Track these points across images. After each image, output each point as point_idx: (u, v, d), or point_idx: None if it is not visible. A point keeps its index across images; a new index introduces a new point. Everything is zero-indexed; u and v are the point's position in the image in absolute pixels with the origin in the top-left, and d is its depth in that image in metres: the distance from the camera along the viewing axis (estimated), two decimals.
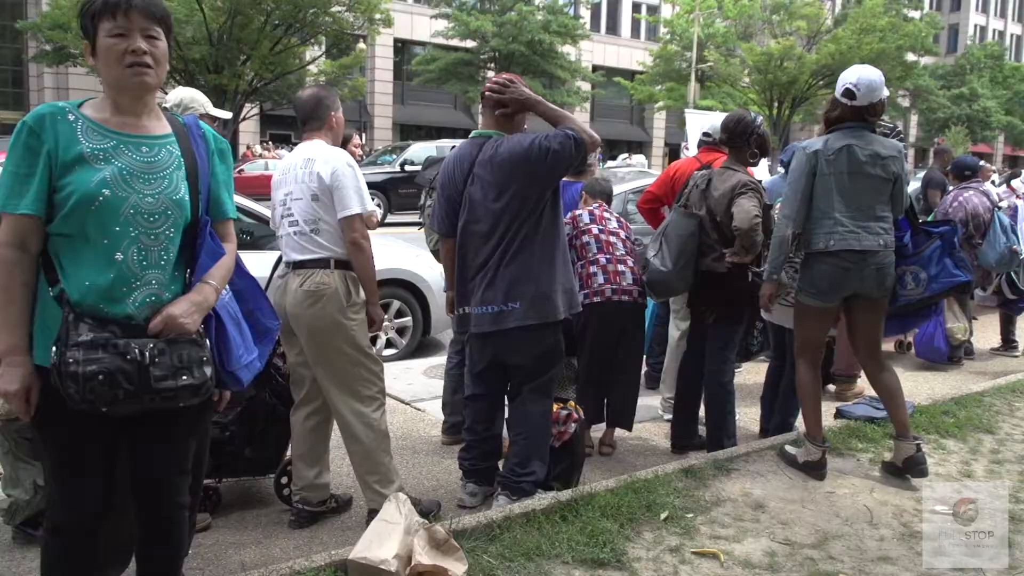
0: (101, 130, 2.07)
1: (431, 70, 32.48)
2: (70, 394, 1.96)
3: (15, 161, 2.01)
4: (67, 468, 2.18)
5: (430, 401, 5.36)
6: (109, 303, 2.03)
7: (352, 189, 3.27)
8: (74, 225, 2.02)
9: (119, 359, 1.97)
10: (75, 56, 25.33)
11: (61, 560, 2.23)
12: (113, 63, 2.05)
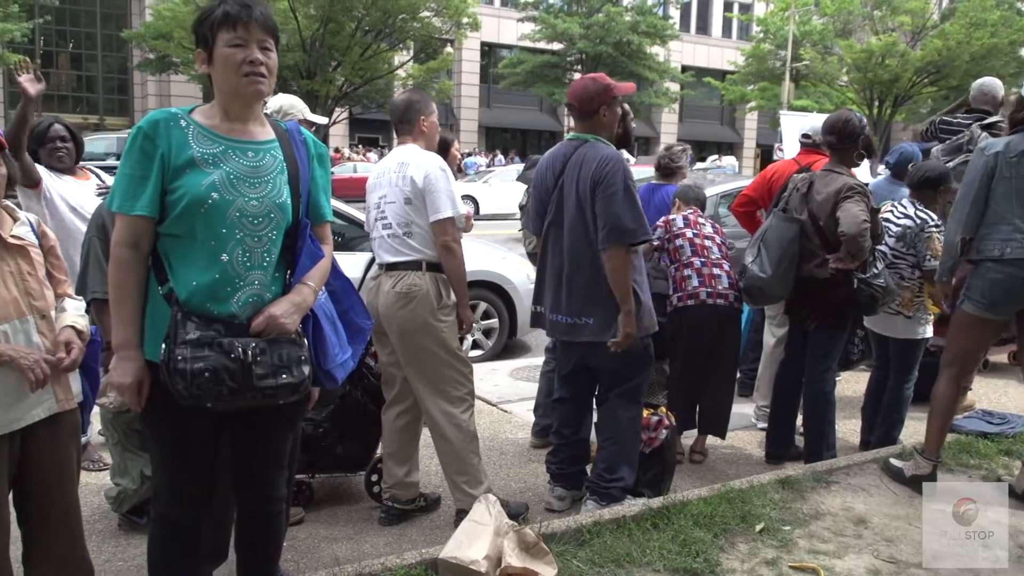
0: (211, 135, 2.14)
1: (517, 73, 32.63)
2: (178, 390, 2.02)
3: (131, 164, 2.08)
4: (172, 460, 2.26)
5: (517, 403, 5.36)
6: (214, 302, 2.09)
7: (444, 193, 3.29)
8: (184, 226, 2.09)
9: (224, 357, 2.03)
10: (176, 64, 26.51)
11: (165, 549, 2.32)
12: (231, 71, 2.11)
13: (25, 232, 2.37)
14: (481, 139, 39.83)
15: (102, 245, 3.19)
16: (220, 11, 2.10)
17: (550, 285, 3.57)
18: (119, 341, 2.11)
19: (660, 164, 5.11)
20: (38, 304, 2.33)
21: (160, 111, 2.15)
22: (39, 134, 3.97)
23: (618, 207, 3.28)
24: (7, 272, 2.28)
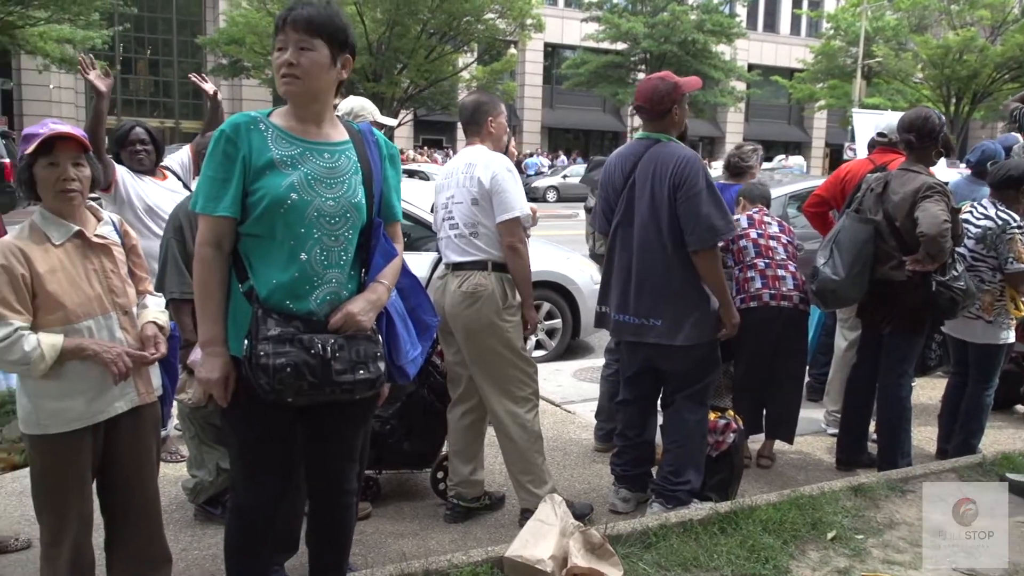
0: (288, 137, 2.19)
1: (580, 73, 32.53)
2: (260, 384, 2.09)
3: (214, 167, 2.15)
4: (251, 453, 2.33)
5: (580, 404, 5.35)
6: (293, 300, 2.15)
7: (511, 194, 3.30)
8: (264, 226, 2.15)
9: (304, 353, 2.09)
10: (248, 69, 27.20)
11: (241, 538, 2.39)
12: (276, 74, 2.19)
13: (108, 231, 2.47)
14: (544, 140, 39.85)
15: (179, 246, 3.31)
16: (276, 19, 2.18)
17: (617, 285, 3.55)
18: (206, 338, 2.18)
19: (730, 163, 5.04)
20: (120, 301, 2.44)
21: (241, 115, 2.21)
22: (120, 137, 4.12)
23: (706, 207, 3.26)
24: (91, 270, 2.38)
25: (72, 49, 23.30)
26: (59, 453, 2.34)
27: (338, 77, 2.24)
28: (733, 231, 3.44)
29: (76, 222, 2.39)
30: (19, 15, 19.66)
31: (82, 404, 2.34)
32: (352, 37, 2.25)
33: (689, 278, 3.39)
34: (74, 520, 2.39)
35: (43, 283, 2.26)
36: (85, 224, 2.41)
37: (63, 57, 23.05)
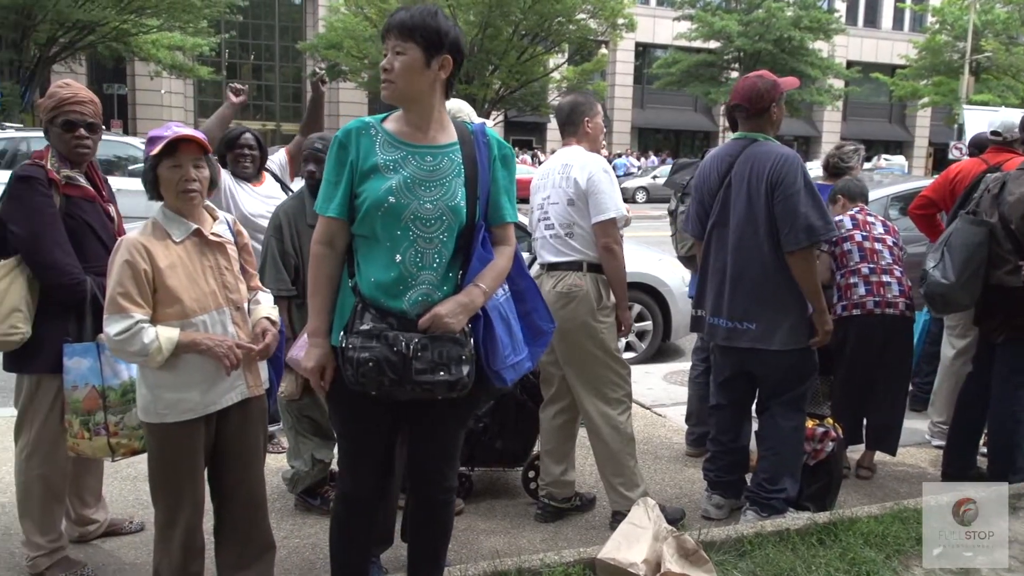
0: (394, 142, 2.26)
1: (672, 73, 32.12)
2: (348, 376, 2.19)
3: (329, 170, 2.28)
4: (349, 442, 2.42)
5: (671, 407, 5.29)
6: (389, 298, 2.22)
7: (607, 195, 3.30)
8: (367, 227, 2.24)
9: (387, 349, 2.16)
10: (345, 72, 27.93)
11: (345, 525, 2.47)
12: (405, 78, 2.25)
13: (223, 230, 2.59)
14: (634, 140, 39.50)
15: (278, 245, 3.44)
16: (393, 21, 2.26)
17: (711, 288, 3.50)
18: (310, 329, 2.31)
19: (829, 164, 4.89)
20: (233, 297, 2.55)
21: (356, 121, 2.31)
22: (230, 140, 4.30)
23: (803, 206, 3.19)
24: (207, 266, 2.50)
25: (182, 55, 24.47)
26: (175, 441, 2.46)
27: (436, 78, 2.25)
28: (833, 233, 3.35)
29: (195, 221, 2.51)
30: (134, 23, 20.74)
31: (197, 395, 2.46)
32: (450, 37, 2.25)
33: (786, 281, 3.31)
34: (187, 505, 2.51)
35: (163, 278, 2.39)
36: (202, 223, 2.53)
37: (173, 63, 24.23)
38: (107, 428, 2.80)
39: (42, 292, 2.85)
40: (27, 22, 18.59)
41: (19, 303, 2.78)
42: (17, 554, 3.10)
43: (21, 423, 2.96)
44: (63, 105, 2.89)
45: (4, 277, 2.77)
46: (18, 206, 2.81)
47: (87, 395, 2.79)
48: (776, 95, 3.38)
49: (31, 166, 2.87)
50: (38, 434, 2.91)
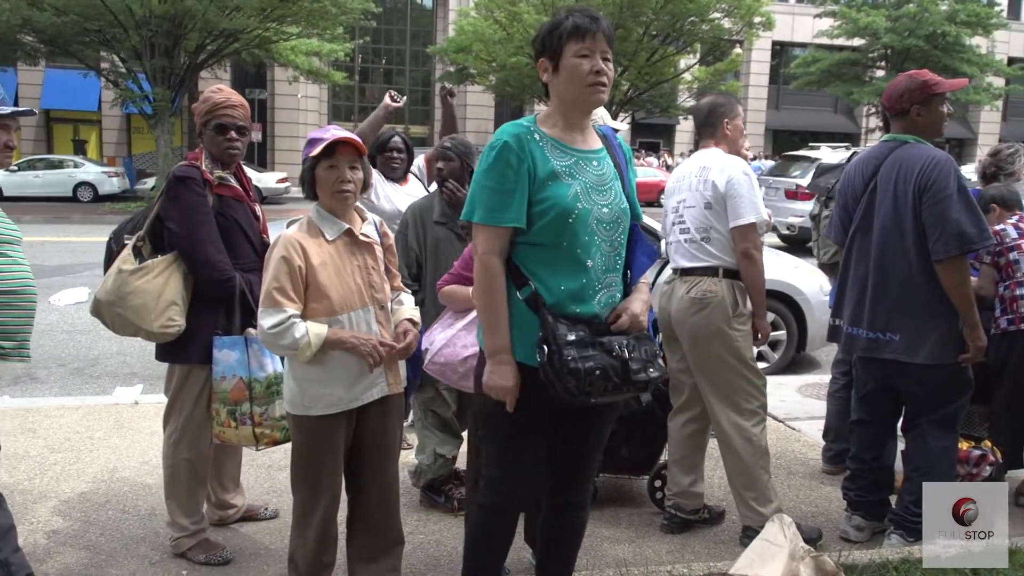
0: (560, 147, 2.23)
1: (811, 72, 30.82)
2: (568, 387, 2.12)
3: (495, 178, 2.17)
4: (514, 456, 2.33)
5: (805, 421, 5.05)
6: (578, 304, 2.20)
7: (746, 198, 3.18)
8: (550, 235, 2.18)
9: (607, 355, 2.15)
10: (473, 75, 28.37)
11: (489, 535, 2.41)
12: (577, 81, 2.18)
13: (370, 231, 2.66)
14: (768, 142, 38.21)
15: (402, 239, 3.51)
16: (570, 23, 2.17)
17: (851, 296, 3.31)
18: (496, 346, 2.20)
19: (985, 170, 4.53)
20: (378, 296, 2.61)
21: (513, 125, 2.23)
22: (380, 143, 4.42)
23: (955, 212, 2.96)
24: (355, 266, 2.56)
25: (318, 61, 25.54)
26: (318, 433, 2.54)
27: None
28: (989, 241, 3.08)
29: (347, 220, 2.58)
30: (275, 31, 21.80)
31: (341, 390, 2.53)
32: None
33: (935, 291, 3.09)
34: (325, 496, 2.58)
35: (315, 275, 2.46)
36: (353, 223, 2.60)
37: (310, 68, 25.33)
38: (252, 418, 2.93)
39: (195, 287, 3.00)
40: (178, 31, 19.87)
41: (176, 297, 2.94)
42: (162, 534, 3.28)
43: (170, 410, 3.13)
44: (216, 109, 3.03)
45: (162, 272, 2.94)
46: (176, 205, 2.98)
47: (235, 386, 2.92)
48: (921, 96, 3.16)
49: (187, 167, 3.03)
50: (186, 421, 3.07)
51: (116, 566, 3.09)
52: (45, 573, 2.90)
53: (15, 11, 18.69)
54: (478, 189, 2.21)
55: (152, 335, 2.95)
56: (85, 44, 21.07)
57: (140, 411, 4.90)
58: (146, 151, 29.04)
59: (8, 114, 2.62)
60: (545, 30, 2.23)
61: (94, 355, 6.66)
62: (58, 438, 4.39)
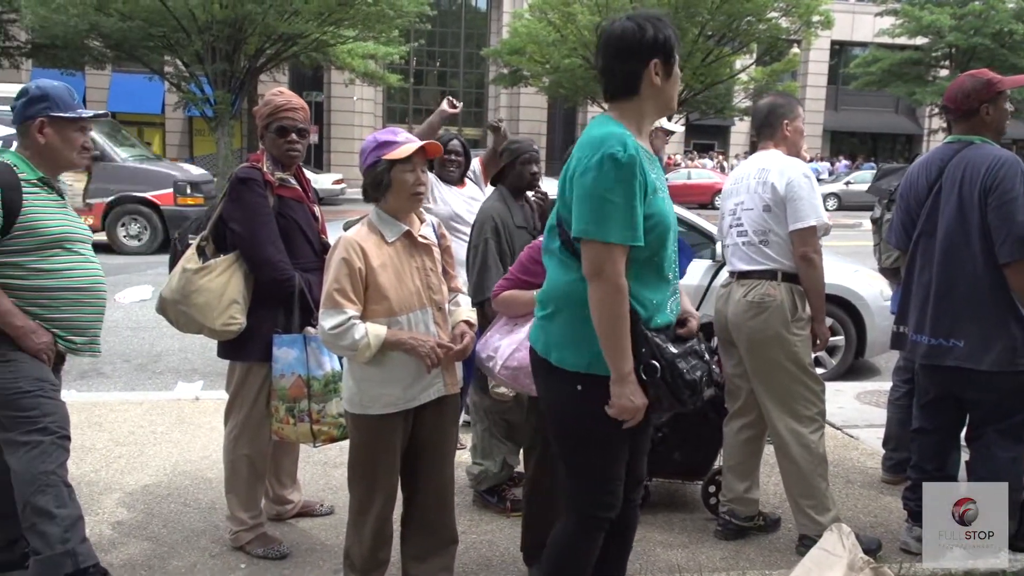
0: (650, 157, 2.19)
1: (871, 72, 30.16)
2: (683, 399, 2.14)
3: (625, 194, 2.05)
4: (615, 468, 2.30)
5: (864, 429, 4.94)
6: (661, 315, 2.21)
7: (806, 201, 3.13)
8: (649, 250, 2.14)
9: (702, 361, 2.19)
10: (527, 77, 28.40)
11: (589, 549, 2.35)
12: (673, 89, 2.22)
13: (429, 232, 2.68)
14: (825, 144, 37.52)
15: (497, 246, 3.49)
16: (672, 31, 2.18)
17: (915, 302, 3.23)
18: (626, 369, 2.09)
19: None
20: (436, 297, 2.64)
21: (623, 134, 2.11)
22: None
23: (1021, 213, 2.88)
24: (414, 267, 2.59)
25: (374, 64, 25.87)
26: (375, 432, 2.58)
27: None
28: None
29: (407, 222, 2.61)
30: (332, 34, 22.16)
31: (399, 390, 2.56)
32: None
33: (1002, 295, 3.00)
34: (381, 494, 2.62)
35: (375, 277, 2.50)
36: (412, 225, 2.63)
37: (366, 71, 25.66)
38: (310, 415, 2.98)
39: (256, 286, 3.07)
40: (239, 35, 20.32)
41: (237, 296, 3.01)
42: (221, 527, 3.37)
43: (231, 406, 3.21)
44: (278, 112, 3.10)
45: (224, 272, 3.01)
46: (238, 206, 3.04)
47: (293, 383, 2.98)
48: (988, 95, 3.08)
49: (249, 168, 3.09)
50: (246, 417, 3.14)
51: (178, 557, 3.17)
52: (110, 563, 2.99)
53: (83, 16, 19.34)
54: (603, 204, 2.05)
55: (214, 332, 3.03)
56: (150, 49, 21.72)
57: (201, 407, 5.03)
58: (207, 153, 29.78)
59: (89, 117, 2.74)
60: (661, 34, 2.15)
61: (157, 351, 6.85)
62: (123, 432, 4.53)
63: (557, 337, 2.19)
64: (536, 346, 2.27)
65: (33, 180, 2.66)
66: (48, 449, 2.61)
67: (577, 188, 2.10)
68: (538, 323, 2.28)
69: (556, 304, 2.21)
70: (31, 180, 2.65)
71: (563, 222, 2.18)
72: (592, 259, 2.08)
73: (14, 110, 2.70)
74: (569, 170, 2.17)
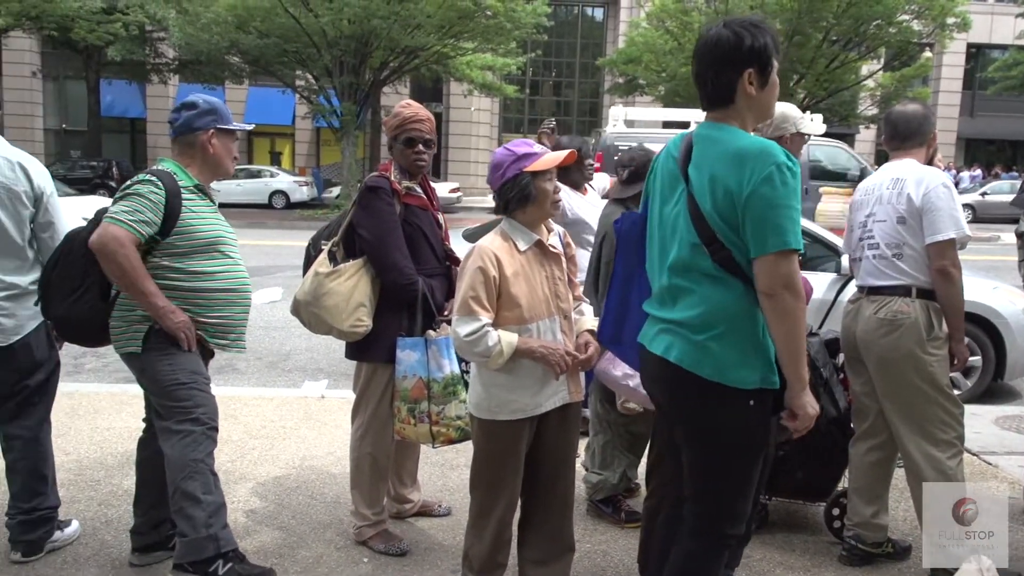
0: None
1: (1012, 76, 28.33)
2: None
3: (798, 201, 2.06)
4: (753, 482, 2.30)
5: (1003, 456, 4.65)
6: None
7: (946, 212, 2.98)
8: None
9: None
10: (642, 86, 28.18)
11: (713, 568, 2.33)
12: (768, 97, 2.18)
13: (556, 241, 2.72)
14: (959, 152, 35.47)
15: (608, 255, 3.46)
16: (771, 38, 2.14)
17: None
18: (806, 377, 2.13)
19: None
20: (563, 306, 2.66)
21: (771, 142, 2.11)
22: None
23: None
24: (544, 276, 2.62)
25: (492, 75, 26.30)
26: (501, 438, 2.62)
27: None
28: None
29: (538, 232, 2.65)
30: (452, 47, 22.73)
31: (527, 397, 2.59)
32: None
33: None
34: (503, 499, 2.65)
35: (508, 285, 2.54)
36: (542, 234, 2.66)
37: (484, 82, 26.12)
38: (430, 416, 3.07)
39: (382, 290, 3.18)
40: (365, 49, 21.19)
41: (364, 299, 3.13)
42: (345, 521, 3.50)
43: (358, 406, 3.33)
44: (406, 124, 3.21)
45: (353, 276, 3.14)
46: (367, 213, 3.17)
47: (414, 385, 3.07)
48: None
49: (378, 177, 3.22)
50: (371, 416, 3.25)
51: (305, 548, 3.32)
52: (244, 549, 3.15)
53: (225, 34, 20.65)
54: (790, 214, 2.03)
55: (343, 334, 3.16)
56: (283, 64, 22.95)
57: (326, 404, 5.24)
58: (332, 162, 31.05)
59: (248, 129, 2.99)
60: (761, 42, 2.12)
61: (286, 350, 7.19)
62: (255, 425, 4.78)
63: (731, 357, 2.12)
64: (698, 370, 2.14)
65: (190, 187, 2.88)
66: (199, 438, 2.81)
67: (758, 202, 2.02)
68: (698, 345, 2.15)
69: (726, 324, 2.13)
70: (188, 187, 2.87)
71: (717, 240, 2.10)
72: (785, 272, 2.03)
73: (177, 121, 2.92)
74: (724, 186, 2.07)
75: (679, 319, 2.19)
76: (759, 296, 2.08)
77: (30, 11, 21.33)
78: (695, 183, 2.15)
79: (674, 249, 2.21)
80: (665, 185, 2.29)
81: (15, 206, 2.95)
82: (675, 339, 2.20)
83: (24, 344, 3.02)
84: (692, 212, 2.14)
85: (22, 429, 3.10)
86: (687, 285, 2.18)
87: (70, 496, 3.66)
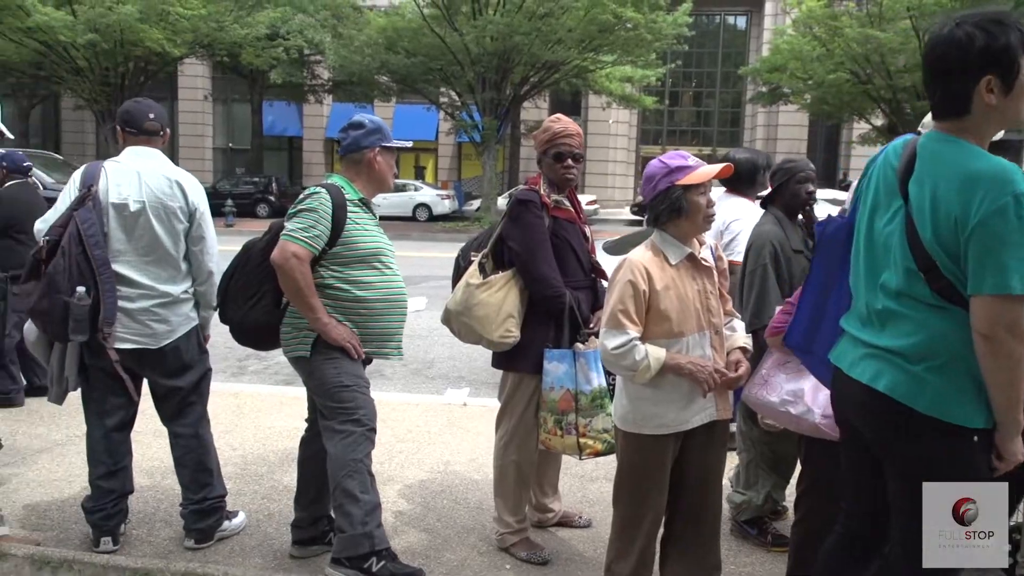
0: None
1: None
2: None
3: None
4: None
5: None
6: None
7: None
8: None
9: None
10: (787, 94, 27.25)
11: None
12: (1017, 103, 1.89)
13: (707, 255, 2.68)
14: None
15: (777, 273, 3.30)
16: (1017, 35, 1.85)
17: None
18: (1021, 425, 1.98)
19: None
20: (714, 320, 2.62)
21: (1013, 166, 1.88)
22: None
23: None
24: (695, 290, 2.59)
25: (631, 87, 26.18)
26: (646, 452, 2.61)
27: None
28: None
29: (689, 245, 2.62)
30: (592, 60, 22.80)
31: (673, 412, 2.57)
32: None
33: None
34: (649, 514, 2.64)
35: (657, 299, 2.53)
36: (694, 247, 2.64)
37: (623, 94, 26.04)
38: (577, 428, 3.09)
39: (530, 301, 3.24)
40: (507, 65, 21.66)
41: (513, 310, 3.20)
42: (488, 527, 3.57)
43: (503, 414, 3.39)
44: (556, 139, 3.26)
45: (503, 287, 3.21)
46: (516, 226, 3.24)
47: (562, 396, 3.11)
48: None
49: (528, 191, 3.29)
50: (516, 425, 3.31)
51: (450, 551, 3.42)
52: (394, 549, 3.28)
53: (375, 55, 21.71)
54: (1021, 254, 1.79)
55: (492, 344, 3.24)
56: (428, 82, 23.81)
57: (468, 412, 5.38)
58: (472, 176, 31.85)
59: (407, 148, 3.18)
60: (992, 39, 1.84)
61: (430, 358, 7.42)
62: (402, 429, 4.97)
63: (952, 392, 1.93)
64: (913, 403, 1.95)
65: (355, 200, 3.05)
66: (359, 439, 2.97)
67: (985, 236, 1.80)
68: (914, 376, 1.95)
69: (947, 355, 1.92)
70: (354, 200, 3.04)
71: (936, 268, 1.90)
72: (1005, 317, 1.81)
73: (346, 140, 3.11)
74: (948, 211, 1.86)
75: (890, 347, 1.99)
76: (974, 335, 1.87)
77: (203, 39, 23.12)
78: (915, 203, 1.93)
79: (887, 271, 2.01)
80: (880, 196, 2.07)
81: (171, 221, 3.20)
82: (885, 366, 2.00)
83: (174, 348, 3.27)
84: (909, 235, 1.94)
85: (184, 427, 3.36)
86: (901, 310, 1.99)
87: (236, 489, 3.93)
